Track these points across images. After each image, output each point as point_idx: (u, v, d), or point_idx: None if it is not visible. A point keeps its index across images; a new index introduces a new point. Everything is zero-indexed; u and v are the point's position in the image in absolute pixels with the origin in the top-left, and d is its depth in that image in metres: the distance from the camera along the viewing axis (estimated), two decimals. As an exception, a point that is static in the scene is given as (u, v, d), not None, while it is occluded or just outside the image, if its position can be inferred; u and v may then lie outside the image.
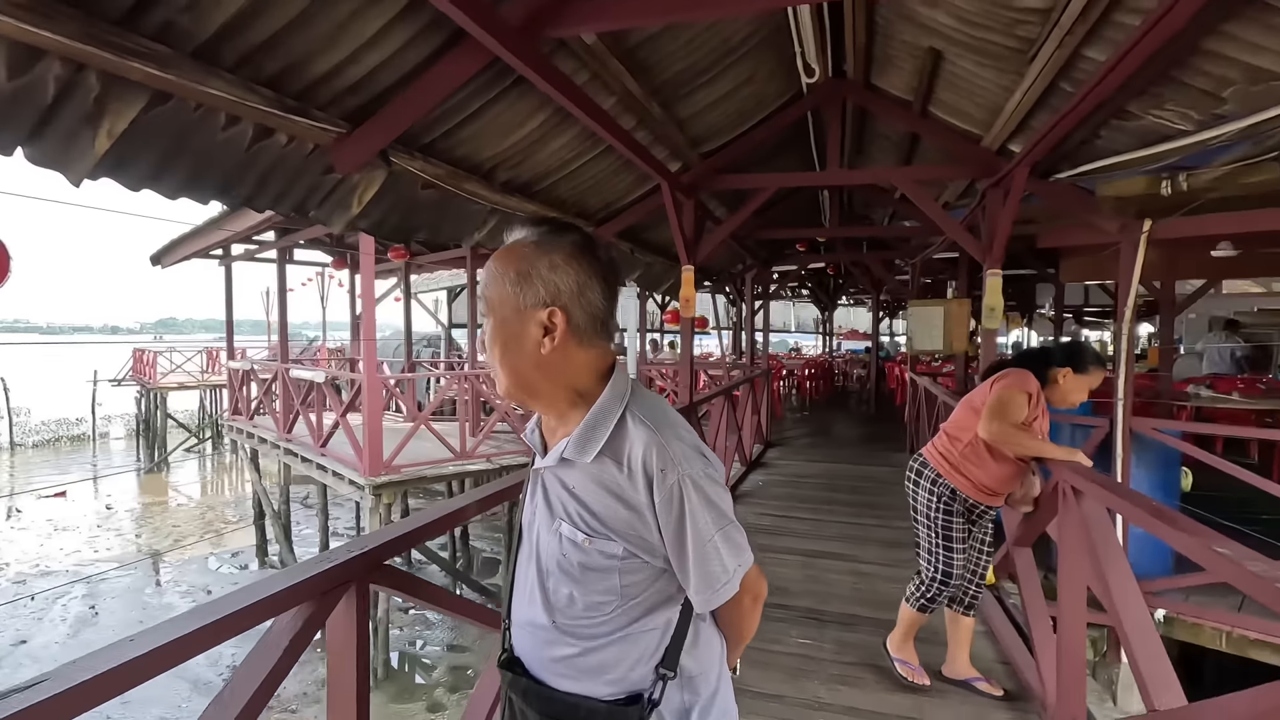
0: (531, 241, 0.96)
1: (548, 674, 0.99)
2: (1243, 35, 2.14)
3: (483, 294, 0.98)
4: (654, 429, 0.93)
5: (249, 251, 10.71)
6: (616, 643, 0.97)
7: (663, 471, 0.91)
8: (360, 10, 1.97)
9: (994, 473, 2.51)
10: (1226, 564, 1.36)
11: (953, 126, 3.99)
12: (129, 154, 1.86)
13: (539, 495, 1.03)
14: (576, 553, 0.95)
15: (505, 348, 0.95)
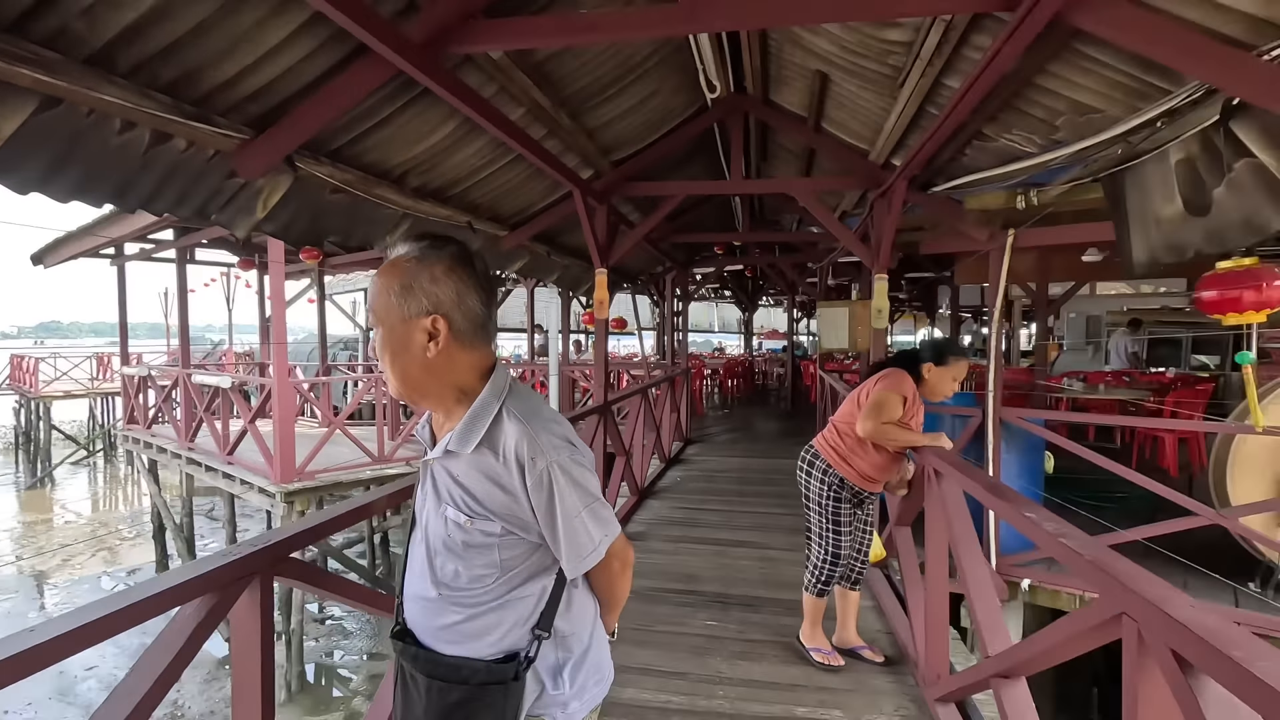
0: (413, 256, 1.05)
1: (436, 641, 1.10)
2: (1065, 75, 2.48)
3: (370, 307, 1.07)
4: (525, 422, 1.05)
5: (145, 251, 10.11)
6: (497, 609, 1.09)
7: (533, 459, 1.03)
8: (263, 21, 2.01)
9: (875, 462, 2.74)
10: (1029, 524, 1.63)
11: (843, 141, 4.32)
12: (16, 158, 1.84)
13: (429, 484, 1.14)
14: (460, 532, 1.07)
15: (394, 354, 1.05)
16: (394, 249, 1.08)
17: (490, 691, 1.07)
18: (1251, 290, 2.30)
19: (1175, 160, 2.37)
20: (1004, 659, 1.85)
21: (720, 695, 2.83)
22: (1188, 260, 2.43)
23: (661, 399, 7.56)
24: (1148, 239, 2.57)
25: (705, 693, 2.85)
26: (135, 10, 1.77)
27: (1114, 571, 1.26)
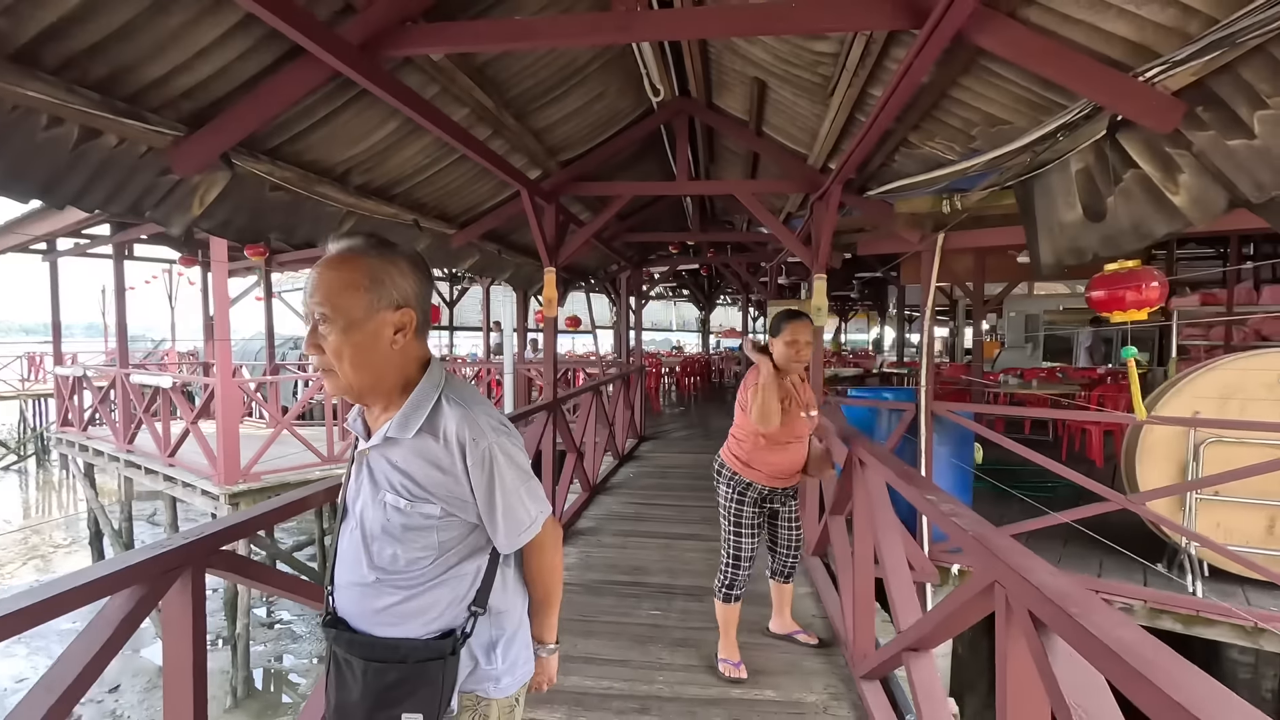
0: (374, 251, 1.10)
1: (371, 625, 1.13)
2: (977, 89, 2.65)
3: (325, 300, 1.06)
4: (465, 407, 1.12)
5: (80, 246, 9.74)
6: (435, 588, 1.13)
7: (474, 440, 1.10)
8: (192, 21, 2.02)
9: (776, 459, 2.78)
10: (929, 505, 1.77)
11: (783, 146, 4.47)
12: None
13: (364, 474, 1.17)
14: (400, 516, 1.11)
15: (358, 348, 1.07)
16: (336, 244, 1.10)
17: (428, 668, 1.11)
18: (1133, 290, 2.52)
19: (1075, 170, 2.56)
20: (911, 634, 1.99)
21: (660, 680, 2.94)
22: (1088, 262, 2.62)
23: (615, 396, 7.64)
24: (1053, 242, 2.76)
25: (646, 679, 2.95)
26: (59, 9, 1.77)
27: (990, 545, 1.39)
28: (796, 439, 2.79)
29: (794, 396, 2.76)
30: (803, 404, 2.80)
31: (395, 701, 1.09)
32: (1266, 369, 3.82)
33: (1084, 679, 1.08)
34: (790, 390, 2.77)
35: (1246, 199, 1.98)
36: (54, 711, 1.26)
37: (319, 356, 1.09)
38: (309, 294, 1.08)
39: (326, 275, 1.08)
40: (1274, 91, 1.71)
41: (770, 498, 2.92)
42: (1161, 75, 1.88)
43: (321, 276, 1.08)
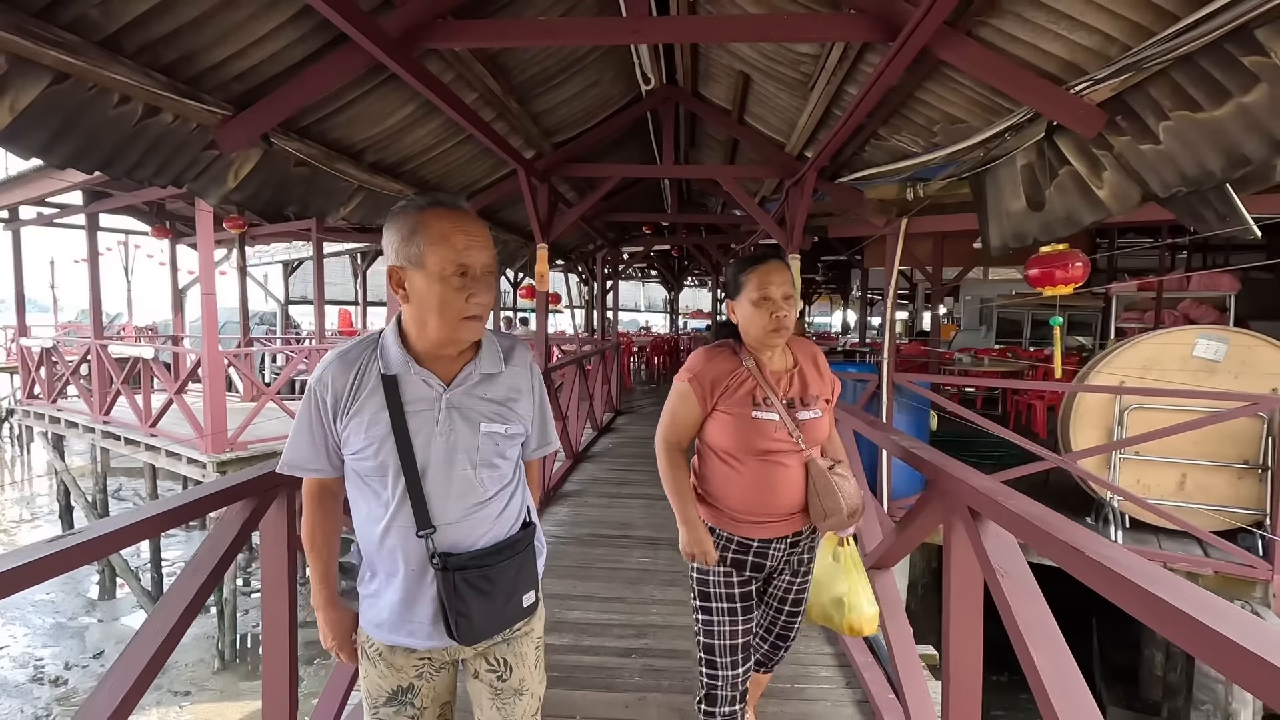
0: (471, 210, 1.25)
1: (478, 540, 1.26)
2: (939, 92, 3.02)
3: (486, 252, 1.20)
4: (515, 338, 1.38)
5: (45, 216, 9.57)
6: (516, 490, 1.34)
7: (533, 363, 1.37)
8: (257, 14, 2.25)
9: (764, 485, 1.68)
10: (889, 440, 2.15)
11: (763, 134, 4.81)
12: (27, 127, 2.03)
13: (451, 416, 1.24)
14: (505, 441, 1.28)
15: (493, 296, 1.24)
16: (448, 200, 1.21)
17: (530, 552, 1.34)
18: (1061, 269, 2.95)
19: (1020, 165, 2.95)
20: (875, 551, 2.39)
21: (654, 613, 3.31)
22: (1029, 245, 3.03)
23: (594, 371, 7.96)
24: (1001, 228, 3.17)
25: (641, 611, 3.32)
26: (146, 1, 1.99)
27: (939, 463, 1.77)
28: (787, 450, 1.68)
29: (768, 387, 1.69)
30: (793, 396, 1.72)
31: (518, 589, 1.29)
32: (1181, 344, 4.35)
33: (1005, 547, 1.47)
34: (761, 379, 1.70)
35: (1156, 194, 2.39)
36: (195, 600, 1.54)
37: (484, 304, 1.20)
38: (476, 245, 1.18)
39: (482, 232, 1.20)
40: (1175, 107, 2.11)
41: (764, 555, 1.74)
42: (1087, 89, 2.27)
43: (480, 232, 1.20)
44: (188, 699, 6.60)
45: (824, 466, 1.68)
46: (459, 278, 1.16)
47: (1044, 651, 1.30)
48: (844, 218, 5.52)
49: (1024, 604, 1.37)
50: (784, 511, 1.70)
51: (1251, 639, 0.81)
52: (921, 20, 2.23)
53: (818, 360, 1.81)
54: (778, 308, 1.65)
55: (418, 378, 1.22)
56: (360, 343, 1.26)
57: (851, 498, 1.67)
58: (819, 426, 1.73)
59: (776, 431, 1.66)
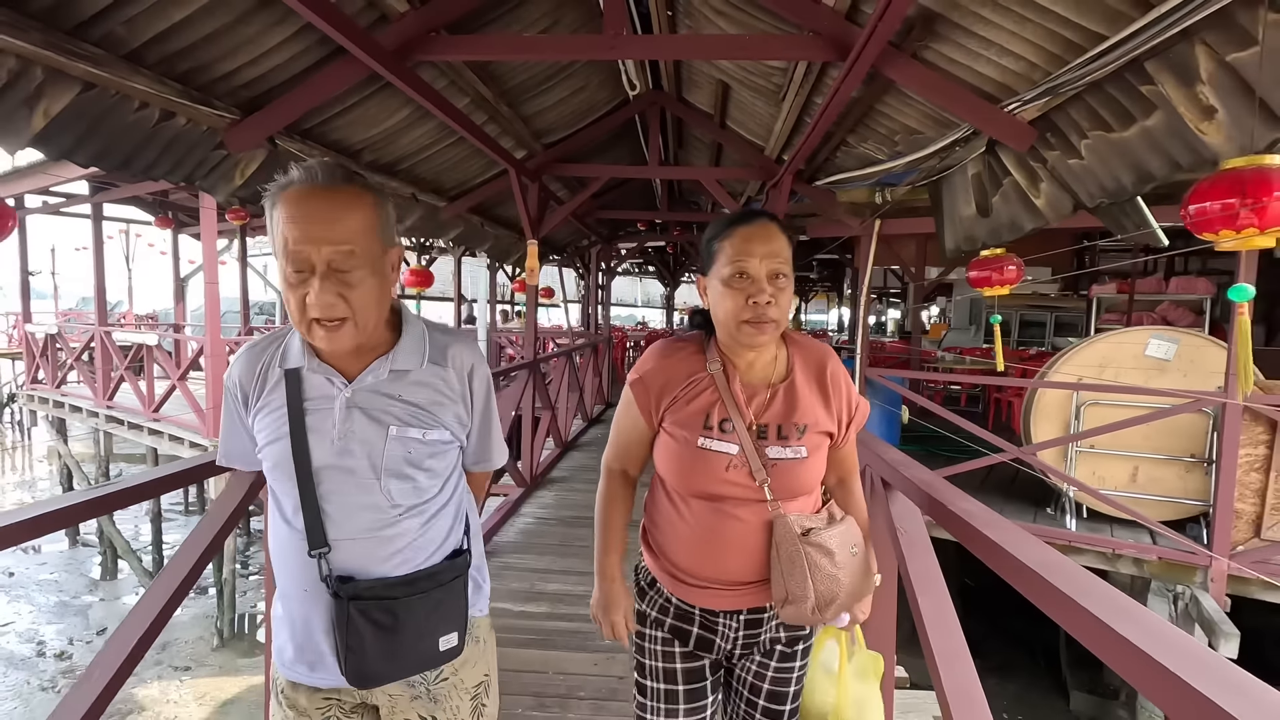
0: (365, 183, 1.03)
1: (385, 569, 1.07)
2: (897, 105, 3.25)
3: (350, 237, 0.96)
4: (457, 335, 1.18)
5: (51, 205, 9.78)
6: (443, 512, 1.13)
7: (476, 365, 1.16)
8: (265, 29, 2.48)
9: (678, 534, 1.25)
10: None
11: (744, 138, 5.04)
12: (58, 130, 2.25)
13: (352, 417, 1.06)
14: (422, 448, 1.08)
15: (381, 291, 1.02)
16: (314, 171, 0.97)
17: (455, 586, 1.12)
18: (997, 271, 3.19)
19: (971, 174, 3.18)
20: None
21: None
22: (978, 248, 3.27)
23: (584, 364, 8.19)
24: (955, 232, 3.40)
25: (615, 585, 3.57)
26: (166, 20, 2.22)
27: (866, 442, 2.01)
28: (745, 498, 1.20)
29: (732, 404, 1.20)
30: (766, 423, 1.21)
31: (433, 627, 1.09)
32: (1135, 343, 4.59)
33: (907, 511, 1.71)
34: (726, 391, 1.21)
35: (1084, 204, 2.62)
36: (204, 555, 1.71)
37: (337, 305, 0.97)
38: (318, 234, 0.94)
39: (343, 212, 0.96)
40: (1092, 127, 2.34)
41: (711, 629, 1.28)
42: (1017, 108, 2.50)
43: (336, 212, 0.96)
44: (188, 674, 6.85)
45: (797, 529, 1.15)
46: (295, 274, 0.96)
47: (929, 596, 1.54)
48: (822, 219, 5.75)
49: (916, 557, 1.61)
50: (733, 579, 1.21)
51: (1058, 575, 0.93)
52: (867, 42, 2.45)
53: (827, 373, 1.23)
54: (758, 290, 1.11)
55: (319, 373, 1.07)
56: (271, 335, 1.14)
57: (828, 581, 1.14)
58: (801, 471, 1.18)
59: (731, 470, 1.17)
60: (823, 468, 1.25)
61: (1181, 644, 0.69)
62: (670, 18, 3.49)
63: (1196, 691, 0.61)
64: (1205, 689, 0.61)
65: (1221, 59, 1.77)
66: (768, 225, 1.16)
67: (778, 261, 1.14)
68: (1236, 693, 0.60)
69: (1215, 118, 1.86)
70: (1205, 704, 0.60)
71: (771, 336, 1.17)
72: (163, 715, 6.14)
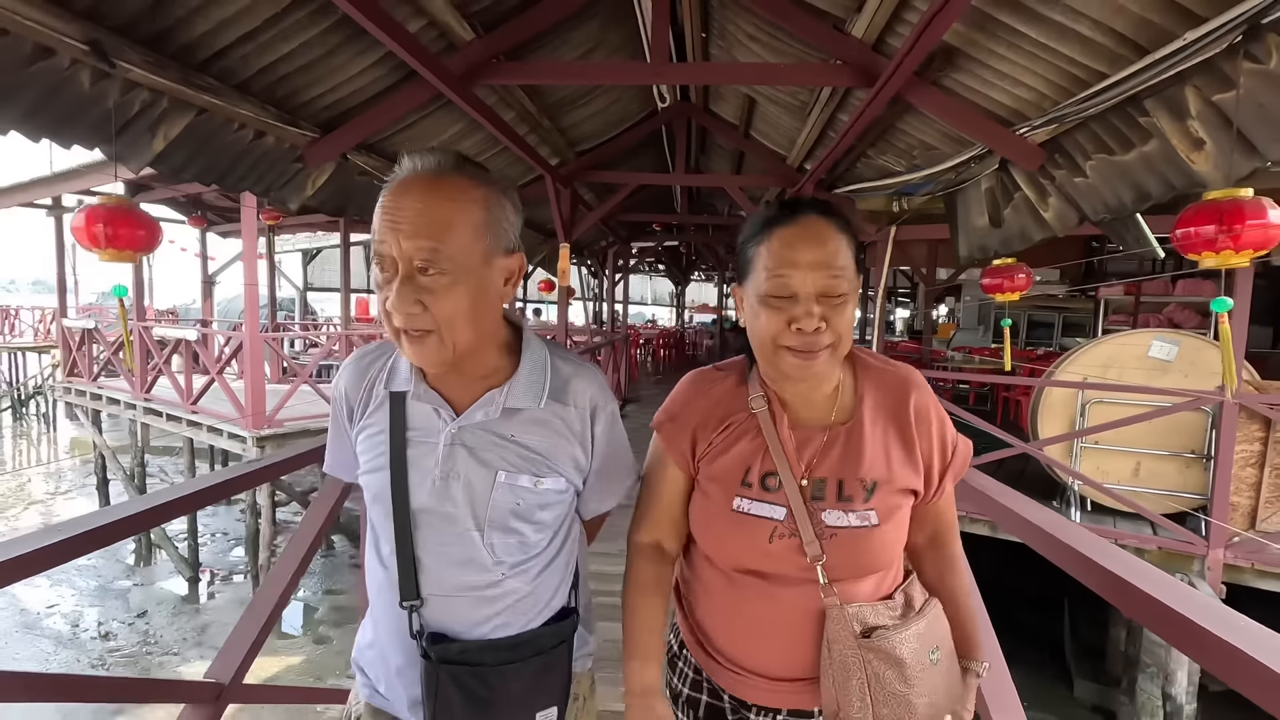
0: (484, 178, 0.86)
1: (485, 629, 0.95)
2: (916, 124, 3.52)
3: (434, 237, 0.80)
4: (583, 367, 1.00)
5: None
6: (554, 569, 0.99)
7: (604, 404, 0.99)
8: (351, 58, 2.76)
9: (712, 605, 1.04)
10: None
11: (766, 148, 5.30)
12: (173, 151, 2.55)
13: (455, 456, 0.94)
14: (532, 496, 0.94)
15: (474, 305, 0.85)
16: (424, 158, 0.85)
17: (558, 654, 0.98)
18: (1009, 279, 3.45)
19: (984, 188, 3.45)
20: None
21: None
22: (991, 256, 3.53)
23: (603, 362, 8.48)
24: (969, 240, 3.66)
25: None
26: (273, 55, 2.50)
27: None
28: (794, 578, 0.95)
29: (780, 453, 0.95)
30: (824, 477, 0.95)
31: (530, 700, 0.96)
32: (1138, 345, 4.83)
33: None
34: (774, 435, 0.96)
35: (1090, 218, 2.88)
36: (307, 551, 1.86)
37: (415, 314, 0.83)
38: (403, 230, 0.80)
39: (435, 206, 0.81)
40: (1096, 151, 2.60)
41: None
42: (1028, 132, 2.76)
43: (426, 206, 0.81)
44: (228, 654, 7.18)
45: (855, 627, 0.90)
46: (380, 273, 0.85)
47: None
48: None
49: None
50: (775, 672, 0.97)
51: (1099, 552, 1.01)
52: (894, 72, 2.72)
53: (909, 407, 0.95)
54: (804, 312, 0.87)
55: (424, 401, 0.94)
56: (382, 345, 1.02)
57: (894, 702, 0.89)
58: (869, 544, 0.92)
59: (777, 541, 0.93)
60: (902, 538, 0.94)
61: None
62: (704, 39, 3.76)
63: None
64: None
65: (1208, 99, 2.03)
66: (817, 223, 0.88)
67: (830, 275, 0.85)
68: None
69: (1204, 149, 2.12)
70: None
71: (827, 368, 0.89)
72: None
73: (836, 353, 0.89)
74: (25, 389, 19.98)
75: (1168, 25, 1.98)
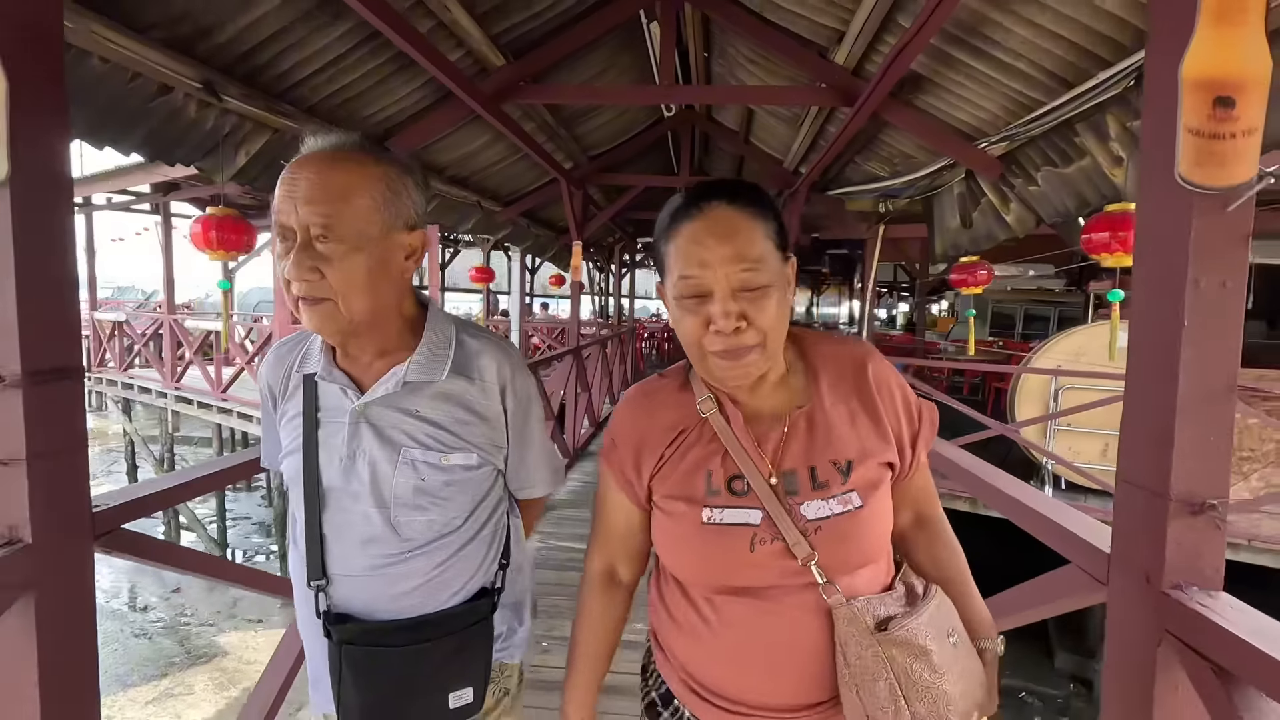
0: (383, 154, 0.90)
1: (393, 609, 0.95)
2: (894, 135, 3.94)
3: (330, 208, 0.83)
4: (493, 342, 1.00)
5: (123, 202, 10.60)
6: (470, 548, 0.99)
7: (514, 378, 1.00)
8: (400, 84, 3.20)
9: (700, 642, 0.89)
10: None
11: (765, 152, 5.72)
12: (252, 166, 2.98)
13: (360, 434, 0.95)
14: (436, 473, 0.94)
15: (371, 273, 0.86)
16: (324, 138, 0.89)
17: (473, 633, 0.98)
18: (971, 276, 3.88)
19: (956, 193, 3.86)
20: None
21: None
22: (963, 254, 3.95)
23: (614, 351, 8.92)
24: (944, 240, 4.08)
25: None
26: (340, 84, 2.94)
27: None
28: (788, 584, 0.84)
29: (741, 451, 0.86)
30: (792, 469, 0.86)
31: (442, 682, 0.95)
32: (1106, 334, 5.24)
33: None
34: (730, 435, 0.87)
35: (1045, 220, 3.30)
36: None
37: (312, 282, 0.84)
38: (300, 198, 0.84)
39: (332, 177, 0.85)
40: (1044, 164, 3.01)
41: None
42: (987, 146, 3.17)
43: (323, 178, 0.84)
44: (260, 625, 7.66)
45: (867, 621, 0.82)
46: (281, 243, 0.87)
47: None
48: (834, 222, 6.43)
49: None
50: (786, 703, 0.86)
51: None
52: (871, 94, 3.14)
53: (868, 377, 0.91)
54: (721, 312, 0.79)
55: (332, 382, 0.96)
56: (299, 334, 1.03)
57: (928, 696, 0.80)
58: (859, 529, 0.85)
59: (760, 548, 0.84)
60: (888, 521, 0.88)
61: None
62: (706, 59, 4.17)
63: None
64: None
65: (1124, 124, 2.45)
66: (724, 213, 0.80)
67: (743, 268, 0.78)
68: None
69: (1123, 165, 2.54)
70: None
71: (759, 363, 0.82)
72: (244, 657, 6.96)
73: (767, 350, 0.81)
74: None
75: (1084, 66, 2.39)
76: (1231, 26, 0.88)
